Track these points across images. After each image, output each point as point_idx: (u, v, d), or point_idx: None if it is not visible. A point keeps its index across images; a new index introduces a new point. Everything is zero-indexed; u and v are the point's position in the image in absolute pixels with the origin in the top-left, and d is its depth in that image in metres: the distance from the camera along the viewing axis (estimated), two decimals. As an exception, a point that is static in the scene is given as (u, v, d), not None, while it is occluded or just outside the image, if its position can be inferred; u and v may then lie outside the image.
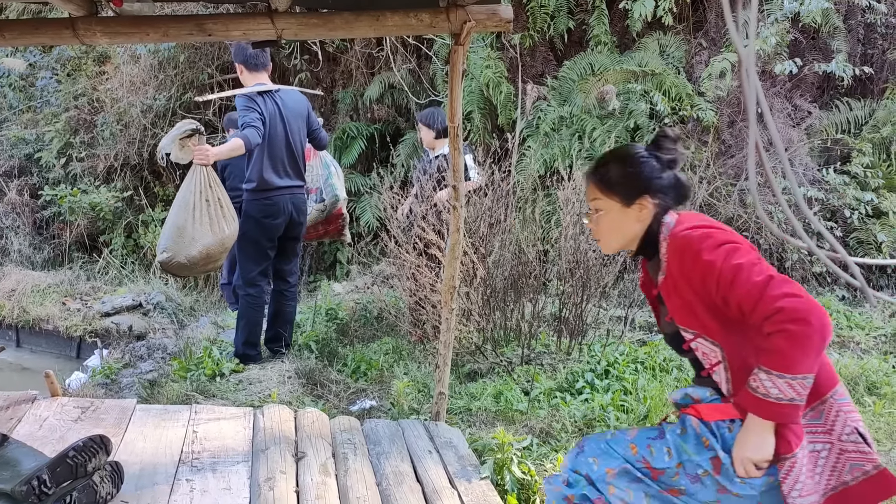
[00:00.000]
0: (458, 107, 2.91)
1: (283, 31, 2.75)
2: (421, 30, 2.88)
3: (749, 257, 1.68)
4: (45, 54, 8.76)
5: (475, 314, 4.12)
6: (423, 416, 3.46)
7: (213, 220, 3.72)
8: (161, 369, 4.41)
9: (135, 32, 2.68)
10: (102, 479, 2.33)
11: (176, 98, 7.91)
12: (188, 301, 6.51)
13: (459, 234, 3.07)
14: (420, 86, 7.33)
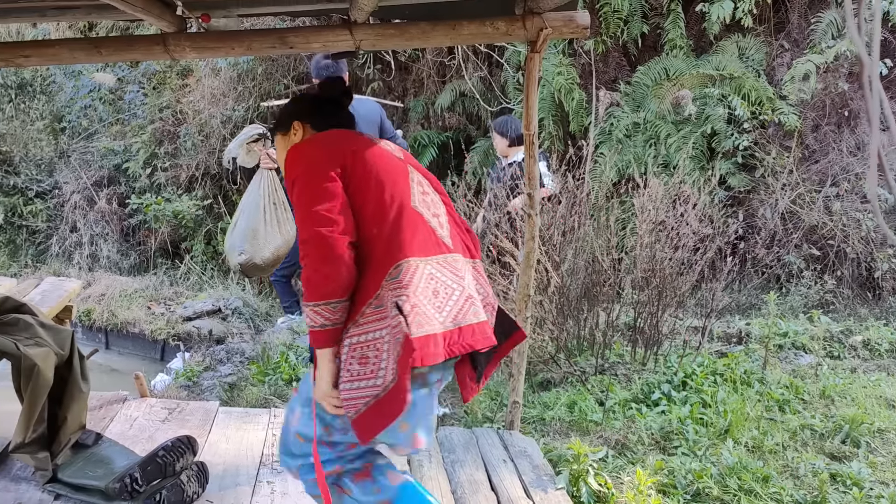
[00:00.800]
0: (533, 115, 2.91)
1: (361, 41, 2.79)
2: (496, 38, 2.88)
3: (309, 191, 1.83)
4: (133, 69, 9.14)
5: (549, 323, 4.08)
6: (497, 425, 3.45)
7: (281, 222, 3.84)
8: (240, 373, 4.53)
9: (221, 47, 2.78)
10: (189, 479, 2.41)
11: (253, 108, 8.14)
12: (264, 306, 6.67)
13: (534, 242, 3.05)
14: (491, 93, 7.33)
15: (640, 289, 4.32)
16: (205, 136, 8.16)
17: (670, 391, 3.79)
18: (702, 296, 4.59)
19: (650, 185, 4.28)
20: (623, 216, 5.25)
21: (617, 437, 3.39)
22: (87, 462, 2.38)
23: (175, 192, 8.08)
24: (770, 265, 5.05)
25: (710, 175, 4.77)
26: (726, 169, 5.85)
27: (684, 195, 4.32)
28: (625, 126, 6.41)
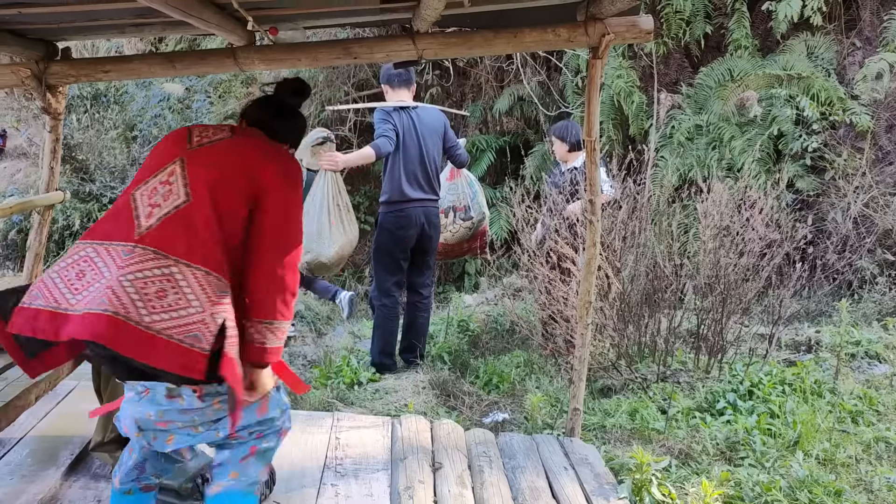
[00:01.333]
0: (595, 121, 2.89)
1: (423, 51, 2.84)
2: (558, 45, 2.88)
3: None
4: (200, 78, 9.43)
5: (609, 329, 4.04)
6: (557, 432, 3.44)
7: (344, 222, 4.07)
8: (302, 376, 4.62)
9: (288, 58, 2.86)
10: (257, 481, 2.48)
11: (315, 115, 8.29)
12: (325, 310, 6.78)
13: (595, 248, 3.04)
14: (549, 97, 7.31)
15: (703, 295, 4.24)
16: (268, 142, 8.35)
17: (736, 400, 3.71)
18: (769, 302, 4.47)
19: (714, 189, 4.20)
20: (685, 221, 5.17)
21: (680, 446, 3.34)
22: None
23: (239, 198, 8.29)
24: (841, 271, 4.88)
25: (776, 178, 4.65)
26: (794, 171, 5.69)
27: (750, 199, 4.22)
28: (686, 129, 6.30)
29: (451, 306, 5.75)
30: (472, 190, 4.74)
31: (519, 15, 2.84)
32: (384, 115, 4.17)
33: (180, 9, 1.99)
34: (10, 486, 2.46)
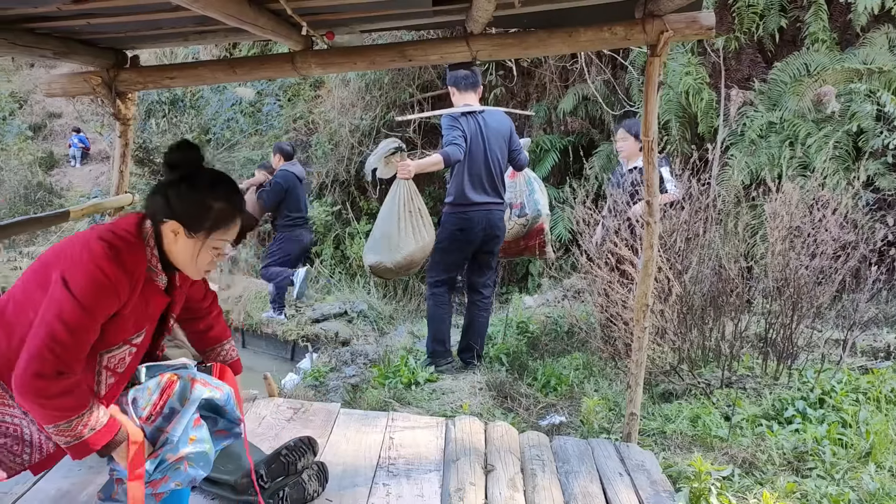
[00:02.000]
0: (652, 120, 2.82)
1: (478, 52, 2.83)
2: (615, 43, 2.83)
3: None
4: (271, 83, 9.70)
5: (670, 333, 3.95)
6: (614, 436, 3.38)
7: (416, 228, 4.07)
8: (363, 375, 4.69)
9: (345, 62, 2.91)
10: (310, 478, 2.52)
11: (380, 117, 8.41)
12: (388, 310, 6.87)
13: (653, 250, 2.97)
14: (615, 96, 7.20)
15: (772, 298, 4.09)
16: (334, 144, 8.52)
17: (805, 408, 3.56)
18: (843, 307, 4.28)
19: (784, 188, 4.04)
20: (754, 222, 5.00)
21: (744, 454, 3.23)
22: (220, 457, 2.54)
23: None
24: (923, 274, 4.63)
25: (854, 177, 4.44)
26: (874, 170, 5.43)
27: (823, 199, 4.05)
28: (759, 126, 6.09)
29: (510, 307, 5.72)
30: (528, 188, 4.75)
31: (575, 14, 2.80)
32: (452, 122, 4.21)
33: (234, 16, 2.05)
34: (77, 476, 2.58)
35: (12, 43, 2.31)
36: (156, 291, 1.89)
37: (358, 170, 8.43)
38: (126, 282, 1.76)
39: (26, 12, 2.19)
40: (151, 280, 1.86)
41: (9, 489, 2.45)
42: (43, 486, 2.51)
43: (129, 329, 1.84)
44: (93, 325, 1.72)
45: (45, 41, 2.53)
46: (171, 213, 1.83)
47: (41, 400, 1.67)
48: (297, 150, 8.87)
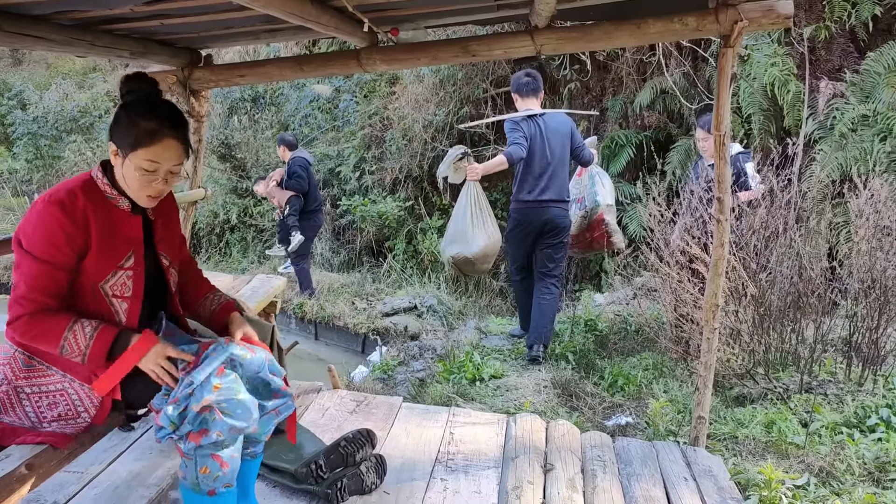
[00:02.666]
0: (724, 114, 2.72)
1: (542, 46, 2.79)
2: (686, 34, 2.73)
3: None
4: (347, 79, 9.85)
5: (745, 334, 3.80)
6: (681, 440, 3.28)
7: (484, 224, 4.54)
8: (429, 369, 4.72)
9: (408, 58, 2.92)
10: (368, 470, 2.55)
11: (454, 113, 8.42)
12: (458, 305, 6.88)
13: (724, 248, 2.86)
14: (694, 89, 6.97)
15: (857, 300, 3.89)
16: (408, 140, 8.58)
17: (890, 416, 3.36)
18: (936, 311, 4.02)
19: (871, 185, 3.82)
20: (838, 220, 4.76)
21: (821, 463, 3.08)
22: (282, 446, 2.60)
23: (380, 194, 8.58)
24: None
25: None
26: (973, 166, 5.08)
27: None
28: (850, 119, 5.78)
29: (580, 305, 5.64)
30: (590, 182, 4.97)
31: (643, 4, 2.72)
32: (513, 125, 4.51)
33: (296, 14, 2.08)
34: (148, 459, 2.69)
35: (92, 44, 2.43)
36: (123, 216, 1.99)
37: (430, 165, 8.47)
38: (73, 221, 1.87)
39: (104, 14, 2.29)
40: (113, 207, 1.97)
41: (84, 469, 2.59)
42: (115, 468, 2.64)
43: (112, 257, 1.95)
44: (46, 269, 1.85)
45: (124, 42, 2.64)
46: (110, 134, 1.95)
47: (30, 337, 1.86)
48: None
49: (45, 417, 1.92)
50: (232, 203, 9.45)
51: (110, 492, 2.48)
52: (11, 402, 1.92)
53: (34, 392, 1.93)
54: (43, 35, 2.20)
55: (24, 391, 1.93)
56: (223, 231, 9.56)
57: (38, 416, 1.92)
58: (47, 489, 2.43)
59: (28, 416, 1.92)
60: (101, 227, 1.91)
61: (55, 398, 1.93)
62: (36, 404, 1.93)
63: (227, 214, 9.41)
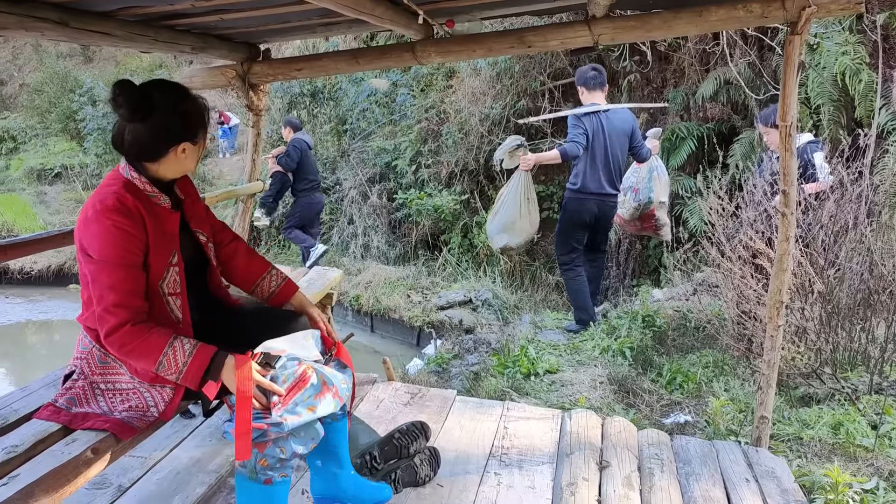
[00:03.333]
0: (791, 104, 2.62)
1: (599, 36, 2.74)
2: (750, 22, 2.64)
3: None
4: (405, 73, 9.89)
5: (811, 332, 3.67)
6: (743, 440, 3.19)
7: (531, 213, 4.78)
8: (483, 363, 4.70)
9: (463, 50, 2.90)
10: (422, 462, 2.56)
11: (510, 106, 8.36)
12: (513, 299, 6.84)
13: (789, 243, 2.76)
14: (760, 80, 6.74)
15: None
16: (464, 133, 8.56)
17: (967, 421, 3.21)
18: None
19: (950, 178, 3.64)
20: (913, 215, 4.53)
21: (891, 467, 2.95)
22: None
23: (436, 188, 8.59)
24: None
25: None
26: None
27: None
28: (926, 110, 5.51)
29: (637, 300, 5.54)
30: (648, 176, 5.11)
31: (706, -9, 2.64)
32: (576, 121, 4.69)
33: (351, 6, 2.09)
34: (209, 446, 2.76)
35: (154, 39, 2.49)
36: (165, 212, 2.02)
37: (486, 159, 8.43)
38: (134, 221, 1.89)
39: (165, 10, 2.35)
40: (156, 205, 1.99)
41: (148, 454, 2.66)
42: (177, 454, 2.71)
43: (166, 253, 1.98)
44: (129, 272, 1.87)
45: (184, 37, 2.70)
46: (174, 139, 1.95)
47: (128, 351, 1.86)
48: (304, 122, 9.71)
49: (114, 409, 1.98)
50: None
51: (172, 477, 2.55)
52: (87, 396, 1.98)
53: (108, 389, 1.99)
54: (107, 31, 2.26)
55: (100, 387, 1.99)
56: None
57: (110, 409, 1.98)
58: (112, 473, 2.52)
59: (101, 408, 1.98)
60: (153, 226, 1.94)
61: (127, 395, 1.99)
62: (109, 400, 1.98)
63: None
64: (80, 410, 1.96)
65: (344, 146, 9.98)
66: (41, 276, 9.50)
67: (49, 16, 1.95)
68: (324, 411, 1.94)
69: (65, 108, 15.54)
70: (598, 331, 4.86)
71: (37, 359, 7.29)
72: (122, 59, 17.43)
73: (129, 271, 1.87)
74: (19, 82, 20.17)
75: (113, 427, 1.91)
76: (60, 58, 18.69)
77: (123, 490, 2.47)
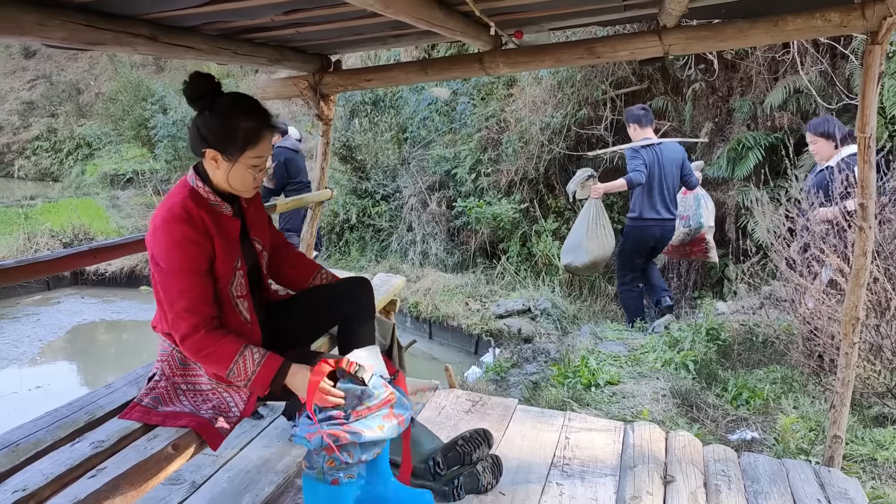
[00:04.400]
0: (870, 114, 2.55)
1: (670, 46, 2.72)
2: (828, 31, 2.58)
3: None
4: (465, 82, 9.93)
5: (887, 350, 3.54)
6: (814, 459, 3.10)
7: (599, 238, 5.19)
8: (542, 373, 4.68)
9: (531, 61, 2.92)
10: (484, 470, 2.57)
11: (571, 115, 8.31)
12: (572, 309, 6.79)
13: (866, 258, 2.68)
14: (832, 88, 6.55)
15: None
16: (524, 142, 8.55)
17: None
18: None
19: None
20: None
21: (973, 494, 2.83)
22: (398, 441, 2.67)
23: (495, 196, 8.60)
24: None
25: None
26: None
27: None
28: None
29: (700, 312, 5.44)
30: (696, 204, 5.64)
31: (782, 0, 2.60)
32: (634, 153, 5.22)
33: (425, 19, 2.13)
34: (276, 447, 2.83)
35: (234, 52, 2.58)
36: (227, 220, 2.08)
37: (547, 168, 8.40)
38: (198, 230, 1.96)
39: (245, 24, 2.43)
40: (219, 213, 2.06)
41: (219, 453, 2.75)
42: (247, 454, 2.79)
43: (230, 260, 2.05)
44: (196, 280, 1.94)
45: (262, 50, 2.79)
46: (206, 143, 2.00)
47: (203, 356, 1.95)
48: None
49: (200, 408, 2.07)
50: (352, 203, 9.75)
51: (242, 475, 2.63)
52: (170, 397, 2.08)
53: (189, 389, 2.08)
54: (193, 45, 2.36)
55: (181, 387, 2.08)
56: (342, 230, 9.88)
57: (195, 408, 2.07)
58: (186, 469, 2.61)
59: (187, 407, 2.07)
60: (218, 233, 2.01)
61: (208, 395, 2.08)
62: (192, 399, 2.08)
63: (346, 214, 9.72)
64: (168, 409, 2.05)
65: (404, 154, 10.08)
66: (114, 278, 9.87)
67: (141, 31, 2.05)
68: (389, 434, 2.02)
69: (137, 116, 16.15)
70: (660, 343, 4.79)
71: (105, 357, 7.57)
72: (192, 69, 17.96)
73: (195, 279, 1.94)
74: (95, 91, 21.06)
75: (198, 426, 2.00)
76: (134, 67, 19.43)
77: (196, 487, 2.55)
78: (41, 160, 20.74)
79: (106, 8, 1.91)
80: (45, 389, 6.47)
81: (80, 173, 18.03)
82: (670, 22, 2.64)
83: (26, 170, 20.77)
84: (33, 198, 14.30)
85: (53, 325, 8.29)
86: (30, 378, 6.78)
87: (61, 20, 1.75)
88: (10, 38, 1.70)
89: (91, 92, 21.33)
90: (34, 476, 1.68)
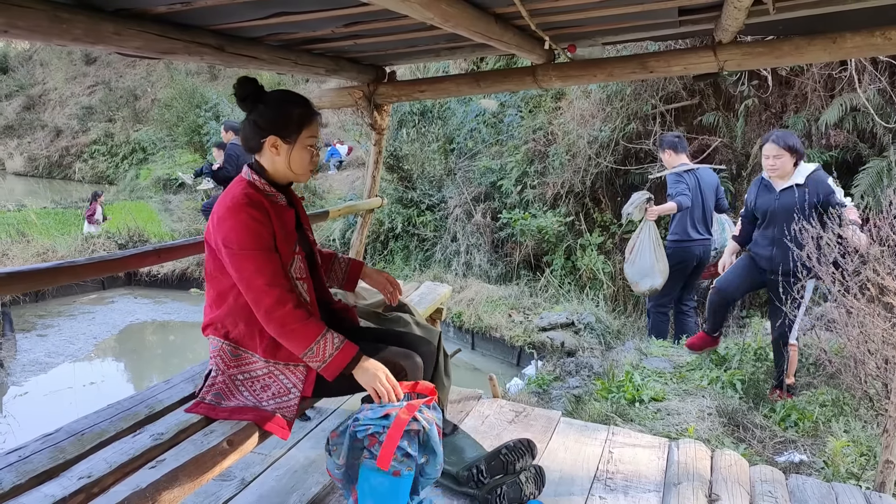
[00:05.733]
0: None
1: (725, 62, 2.72)
2: (887, 50, 2.55)
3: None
4: (513, 94, 9.96)
5: (944, 376, 3.44)
6: (864, 484, 3.03)
7: (663, 257, 5.36)
8: (585, 387, 4.67)
9: (583, 75, 2.94)
10: (527, 480, 2.58)
11: (620, 129, 8.27)
12: (616, 324, 6.74)
13: (924, 281, 2.63)
14: (891, 107, 6.41)
15: None
16: (571, 155, 8.53)
17: None
18: None
19: None
20: None
21: None
22: (445, 449, 2.70)
23: (540, 209, 8.59)
24: None
25: None
26: None
27: None
28: None
29: (749, 332, 5.35)
30: (720, 227, 5.83)
31: (840, 18, 2.57)
32: (677, 178, 5.50)
33: (482, 33, 2.17)
34: (321, 449, 2.88)
35: (294, 62, 2.66)
36: (283, 209, 2.21)
37: (593, 181, 8.37)
38: (262, 212, 2.08)
39: (305, 35, 2.51)
40: (275, 203, 2.18)
41: (268, 452, 2.81)
42: (294, 454, 2.85)
43: (289, 244, 2.17)
44: (269, 255, 2.06)
45: (320, 60, 2.87)
46: (264, 133, 2.14)
47: (287, 331, 2.04)
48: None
49: (261, 399, 2.15)
50: (397, 212, 9.84)
51: (290, 475, 2.69)
52: (230, 390, 2.16)
53: (246, 378, 2.16)
54: (256, 55, 2.45)
55: (238, 378, 2.16)
56: (387, 239, 9.97)
57: (256, 399, 2.15)
58: (237, 467, 2.68)
59: (248, 400, 2.15)
60: (276, 219, 2.13)
61: (265, 381, 2.16)
62: (251, 388, 2.15)
63: (392, 223, 9.81)
64: (230, 404, 2.12)
65: (450, 165, 10.15)
66: (166, 279, 10.12)
67: (209, 41, 2.14)
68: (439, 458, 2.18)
69: (191, 122, 16.59)
70: (706, 361, 4.73)
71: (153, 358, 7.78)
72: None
73: (268, 254, 2.06)
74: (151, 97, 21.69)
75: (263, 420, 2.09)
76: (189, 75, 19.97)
77: (246, 483, 2.62)
78: (98, 163, 21.45)
79: (178, 19, 2.00)
80: (98, 386, 6.68)
81: (134, 177, 18.59)
82: (726, 38, 2.64)
83: (83, 172, 21.50)
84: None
85: (107, 324, 8.55)
86: (84, 374, 7.01)
87: (137, 30, 1.85)
88: (88, 46, 1.80)
89: (147, 98, 21.99)
90: (98, 464, 1.76)
